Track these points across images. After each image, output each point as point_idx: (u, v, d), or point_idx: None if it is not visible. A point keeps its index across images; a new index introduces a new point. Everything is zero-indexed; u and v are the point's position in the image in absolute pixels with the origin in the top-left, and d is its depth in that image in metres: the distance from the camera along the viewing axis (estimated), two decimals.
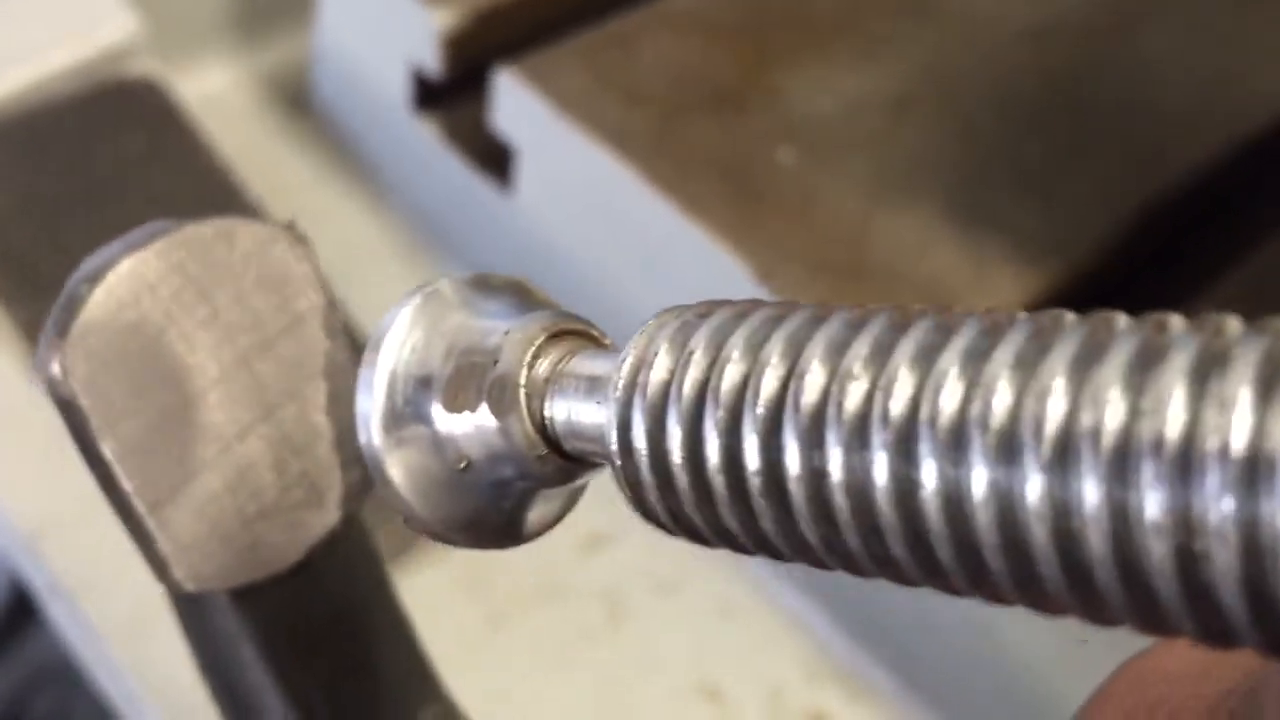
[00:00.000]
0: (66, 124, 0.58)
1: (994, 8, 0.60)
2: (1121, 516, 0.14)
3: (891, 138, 0.54)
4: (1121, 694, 0.24)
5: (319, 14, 0.63)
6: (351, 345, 0.27)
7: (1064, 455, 0.15)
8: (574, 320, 0.22)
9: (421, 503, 0.21)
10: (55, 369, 0.24)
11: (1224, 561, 0.13)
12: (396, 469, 0.21)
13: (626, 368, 0.19)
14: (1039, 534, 0.15)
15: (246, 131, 0.65)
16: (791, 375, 0.17)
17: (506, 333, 0.21)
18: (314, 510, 0.27)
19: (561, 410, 0.20)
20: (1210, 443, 0.14)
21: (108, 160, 0.58)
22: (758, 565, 0.54)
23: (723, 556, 0.54)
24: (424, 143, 0.60)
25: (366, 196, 0.64)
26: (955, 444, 0.16)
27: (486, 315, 0.22)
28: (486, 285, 0.22)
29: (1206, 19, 0.61)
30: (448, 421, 0.21)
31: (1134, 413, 0.14)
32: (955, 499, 0.16)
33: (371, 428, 0.21)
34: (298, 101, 0.67)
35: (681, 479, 0.18)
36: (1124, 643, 0.19)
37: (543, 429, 0.21)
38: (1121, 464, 0.14)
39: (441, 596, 0.52)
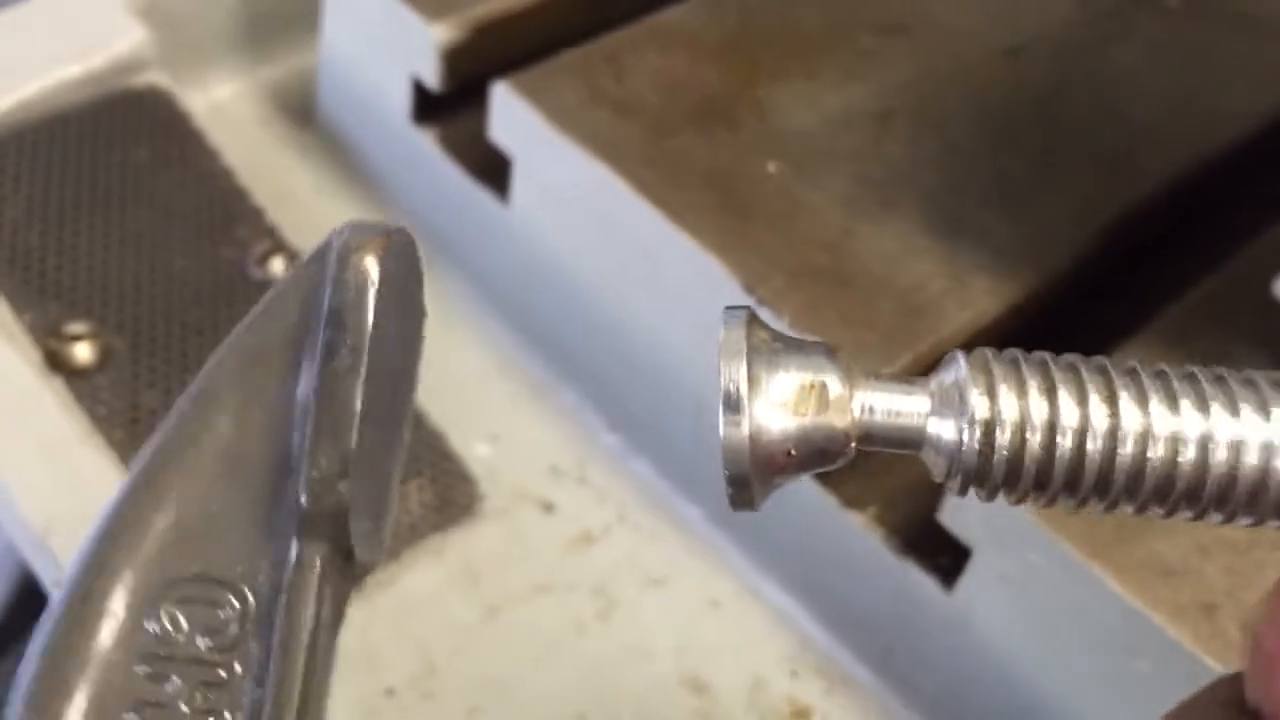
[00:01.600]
0: (76, 132, 0.60)
1: (974, 26, 0.62)
2: None
3: (874, 151, 0.56)
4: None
5: (323, 28, 0.65)
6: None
7: None
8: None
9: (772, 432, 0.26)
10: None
11: None
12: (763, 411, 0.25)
13: (975, 395, 0.25)
14: None
15: (252, 141, 0.67)
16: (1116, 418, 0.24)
17: (830, 361, 0.26)
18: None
19: (878, 418, 0.26)
20: None
21: (116, 168, 0.60)
22: (742, 561, 0.56)
23: (708, 554, 0.56)
24: (424, 154, 0.62)
25: (368, 205, 0.66)
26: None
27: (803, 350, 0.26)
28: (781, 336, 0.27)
29: (1176, 38, 0.63)
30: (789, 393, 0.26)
31: None
32: None
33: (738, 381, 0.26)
34: (302, 113, 0.69)
35: (1027, 487, 0.25)
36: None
37: (856, 431, 0.26)
38: None
39: (438, 591, 0.54)
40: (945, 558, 0.49)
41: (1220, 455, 0.24)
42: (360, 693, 0.51)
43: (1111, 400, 0.24)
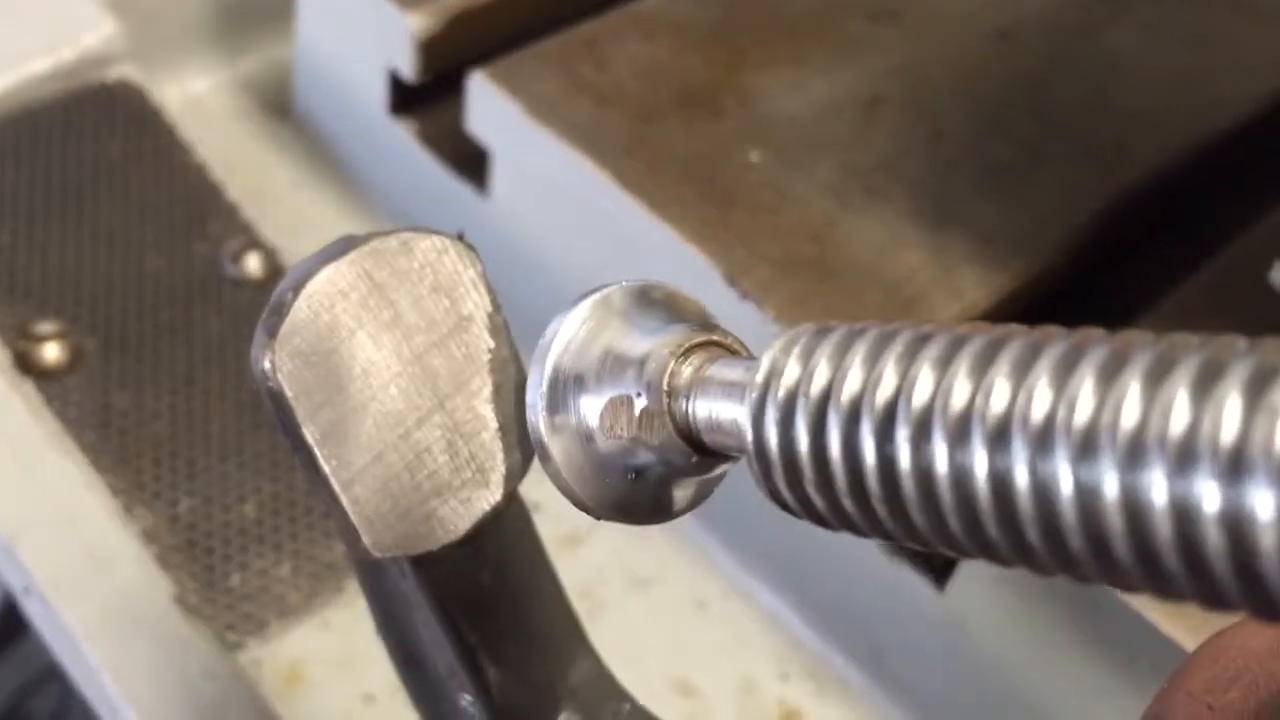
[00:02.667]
0: (46, 128, 0.59)
1: (963, 10, 0.61)
2: (1183, 509, 0.16)
3: (861, 139, 0.55)
4: (1204, 665, 0.26)
5: (298, 19, 0.63)
6: (511, 343, 0.30)
7: (1134, 456, 0.17)
8: (716, 331, 0.25)
9: (577, 483, 0.25)
10: (266, 365, 0.27)
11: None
12: (556, 452, 0.25)
13: (761, 373, 0.22)
14: (1115, 524, 0.17)
15: (228, 135, 0.66)
16: (903, 384, 0.20)
17: (653, 341, 0.24)
18: (480, 489, 0.30)
19: (703, 409, 0.23)
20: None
21: (86, 164, 0.59)
22: (731, 562, 0.54)
23: (697, 555, 0.55)
24: (401, 145, 0.61)
25: (346, 198, 0.65)
26: (1042, 444, 0.18)
27: (641, 324, 0.25)
28: (646, 296, 0.25)
29: (1170, 22, 0.62)
30: (599, 417, 0.24)
31: (1195, 419, 0.16)
32: (1042, 491, 0.18)
33: (536, 416, 0.25)
34: (279, 105, 0.67)
35: (807, 468, 0.21)
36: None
37: (685, 428, 0.24)
38: (1184, 463, 0.16)
39: None
40: (937, 557, 0.48)
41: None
42: (340, 698, 0.50)
43: (903, 371, 0.20)
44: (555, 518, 0.56)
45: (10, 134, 0.59)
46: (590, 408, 0.24)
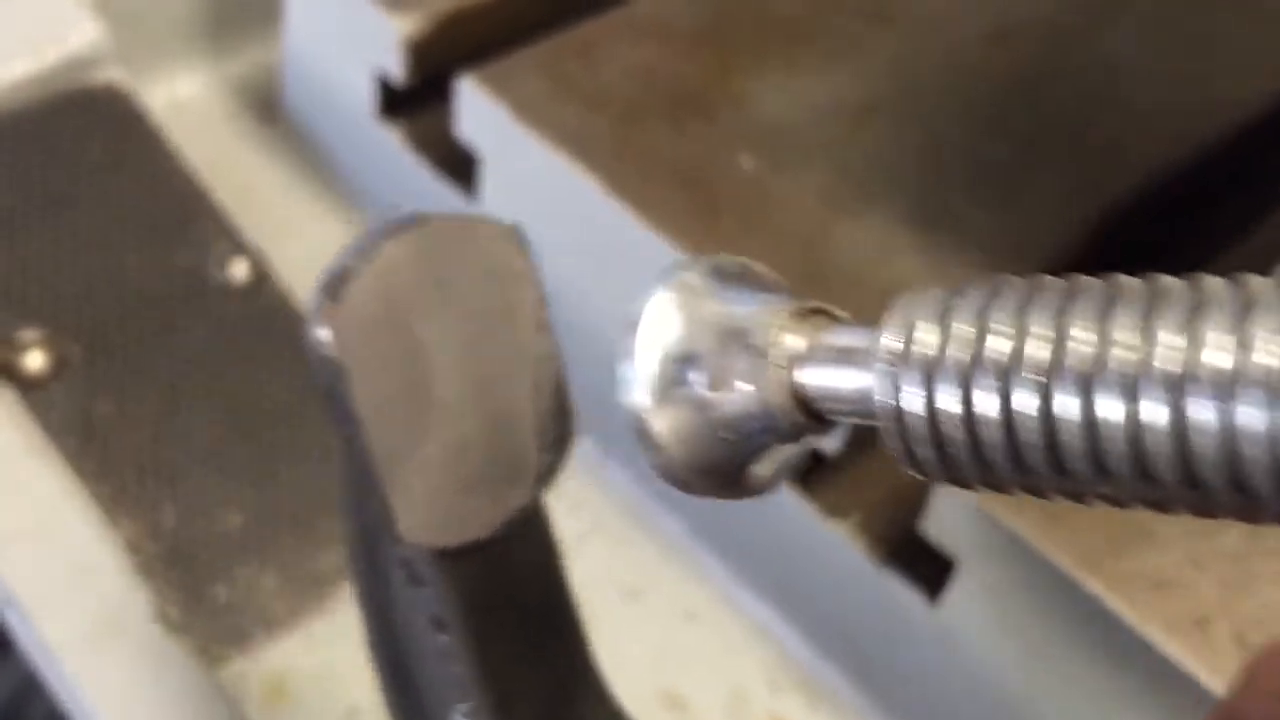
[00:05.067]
0: (29, 132, 0.58)
1: (958, 11, 0.60)
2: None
3: (853, 143, 0.54)
4: (1270, 672, 0.27)
5: (286, 21, 0.63)
6: (554, 340, 0.30)
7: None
8: (813, 301, 0.25)
9: (683, 454, 0.24)
10: (324, 332, 0.26)
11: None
12: (662, 425, 0.24)
13: (892, 338, 0.22)
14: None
15: (216, 138, 0.65)
16: (1061, 338, 0.20)
17: (758, 314, 0.24)
18: (513, 486, 0.29)
19: (820, 377, 0.23)
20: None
21: (71, 168, 0.58)
22: (721, 572, 0.54)
23: (686, 564, 0.54)
24: (390, 149, 0.60)
25: (335, 203, 0.64)
26: (1224, 390, 0.19)
27: (731, 297, 0.24)
28: (721, 269, 0.25)
29: (1169, 21, 0.61)
30: (710, 394, 0.24)
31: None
32: (1229, 436, 0.19)
33: (636, 392, 0.24)
34: (266, 108, 0.67)
35: (956, 431, 0.21)
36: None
37: (801, 395, 0.23)
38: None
39: None
40: (929, 568, 0.47)
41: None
42: (324, 713, 0.49)
43: (1058, 328, 0.20)
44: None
45: None
46: (696, 383, 0.24)
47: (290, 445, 0.54)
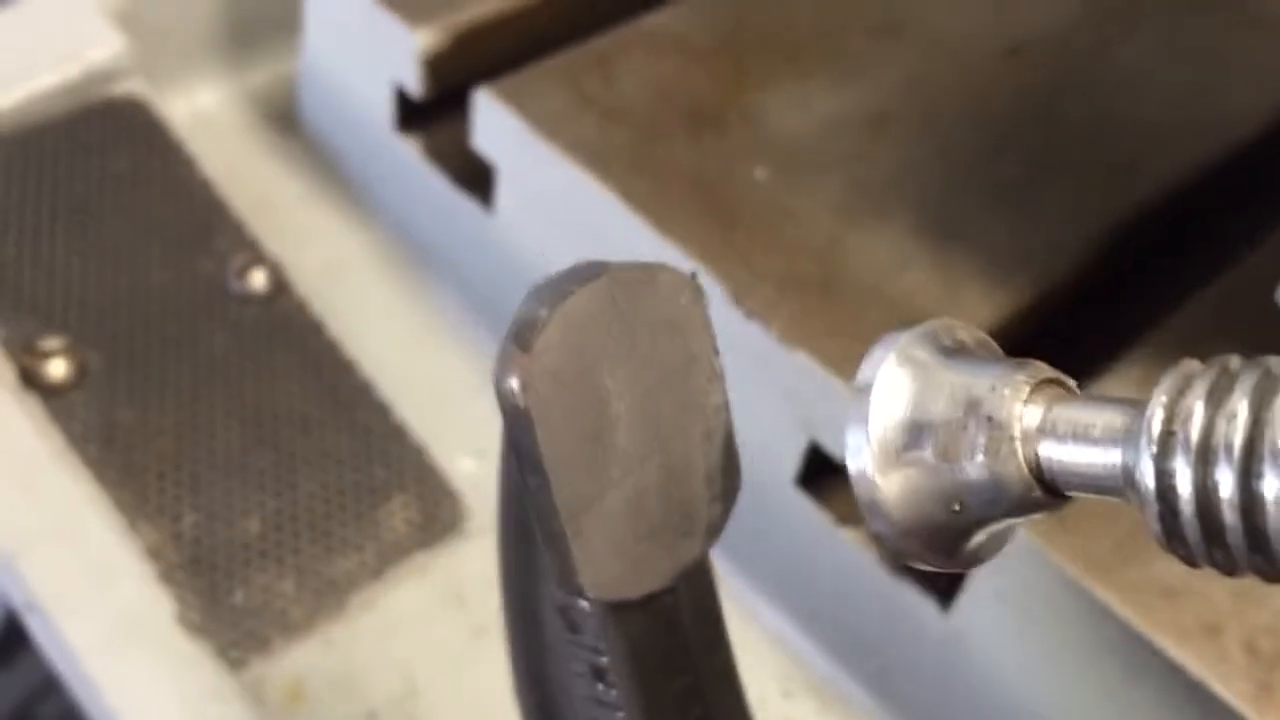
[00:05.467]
0: (52, 144, 0.59)
1: (971, 27, 0.61)
2: None
3: (867, 156, 0.55)
4: None
5: (305, 35, 0.64)
6: (725, 391, 0.29)
7: None
8: (1045, 369, 0.24)
9: (909, 522, 0.24)
10: (515, 382, 0.26)
11: None
12: (890, 493, 0.24)
13: (1159, 417, 0.21)
14: None
15: (235, 149, 0.66)
16: None
17: (993, 386, 0.23)
18: (685, 538, 0.29)
19: (1059, 453, 0.23)
20: None
21: (93, 180, 0.59)
22: (735, 579, 0.54)
23: None
24: (407, 161, 0.61)
25: (352, 214, 0.65)
26: None
27: (957, 367, 0.24)
28: (937, 338, 0.25)
29: (1181, 37, 0.61)
30: (942, 464, 0.24)
31: None
32: None
33: (867, 458, 0.24)
34: (285, 120, 0.67)
35: (1229, 517, 0.21)
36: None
37: (1036, 469, 0.23)
38: None
39: (427, 610, 0.53)
40: (941, 576, 0.47)
41: None
42: (341, 715, 0.50)
43: None
44: None
45: (17, 149, 0.59)
46: (928, 452, 0.24)
47: (308, 452, 0.54)
